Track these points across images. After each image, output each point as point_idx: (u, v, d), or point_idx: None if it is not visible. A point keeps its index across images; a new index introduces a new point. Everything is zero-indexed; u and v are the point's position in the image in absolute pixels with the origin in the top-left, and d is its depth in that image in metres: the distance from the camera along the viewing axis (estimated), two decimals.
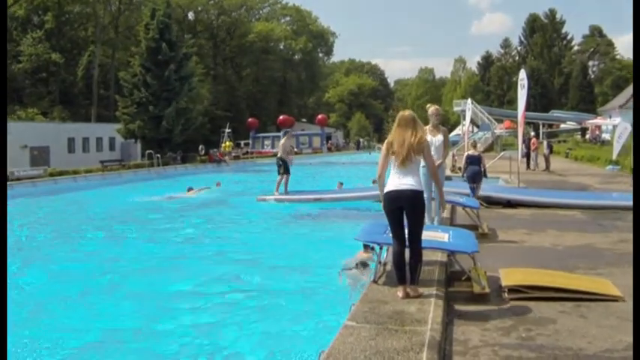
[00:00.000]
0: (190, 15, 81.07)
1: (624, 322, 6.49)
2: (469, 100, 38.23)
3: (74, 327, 8.81)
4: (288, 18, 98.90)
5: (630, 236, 12.11)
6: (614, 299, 7.36)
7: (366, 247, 10.37)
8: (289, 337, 8.19)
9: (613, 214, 15.35)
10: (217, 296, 10.29)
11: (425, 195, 7.79)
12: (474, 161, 16.59)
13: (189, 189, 27.01)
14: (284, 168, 21.67)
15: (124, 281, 11.53)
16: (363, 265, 10.43)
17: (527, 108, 23.77)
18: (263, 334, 8.40)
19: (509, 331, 6.25)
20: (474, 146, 17.99)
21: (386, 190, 7.03)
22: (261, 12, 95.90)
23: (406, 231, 6.97)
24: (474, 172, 16.43)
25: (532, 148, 33.35)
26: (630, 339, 5.97)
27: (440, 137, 11.12)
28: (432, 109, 11.37)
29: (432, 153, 10.49)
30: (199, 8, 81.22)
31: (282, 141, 23.11)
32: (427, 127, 10.76)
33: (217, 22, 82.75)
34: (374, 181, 22.12)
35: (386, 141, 7.22)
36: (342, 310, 7.54)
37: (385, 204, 7.05)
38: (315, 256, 13.12)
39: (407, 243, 6.97)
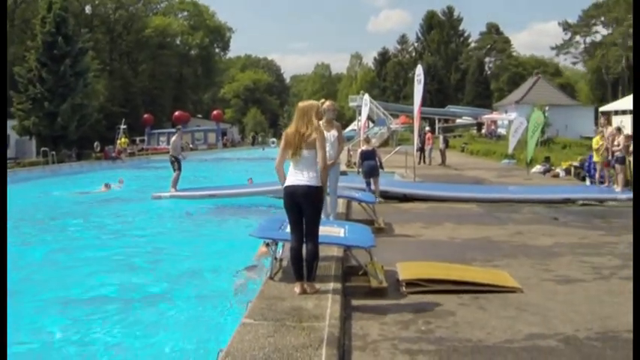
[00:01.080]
0: (87, 9, 78.74)
1: (523, 313, 6.66)
2: (366, 95, 38.74)
3: None
4: (185, 13, 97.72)
5: (525, 228, 12.60)
6: (511, 290, 7.54)
7: (267, 244, 10.28)
8: (183, 339, 7.95)
9: (509, 206, 15.86)
10: (104, 300, 9.85)
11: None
12: (369, 156, 16.74)
13: (108, 185, 26.43)
14: (177, 165, 21.55)
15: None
16: (251, 268, 10.36)
17: (424, 103, 24.21)
18: (154, 337, 8.13)
19: (408, 324, 6.28)
20: (367, 142, 18.17)
21: (285, 185, 7.03)
22: (158, 6, 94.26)
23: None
24: (371, 166, 16.57)
25: (427, 142, 34.03)
26: (529, 330, 6.13)
27: (334, 132, 11.12)
28: (326, 104, 11.34)
29: (328, 149, 10.55)
30: (97, 2, 78.86)
31: (173, 138, 22.93)
32: (321, 122, 10.75)
33: (114, 16, 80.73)
34: (249, 180, 22.24)
35: (284, 132, 7.18)
36: (239, 309, 7.42)
37: (284, 198, 7.06)
38: (211, 254, 12.85)
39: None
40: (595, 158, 20.41)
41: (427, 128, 39.12)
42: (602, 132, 19.98)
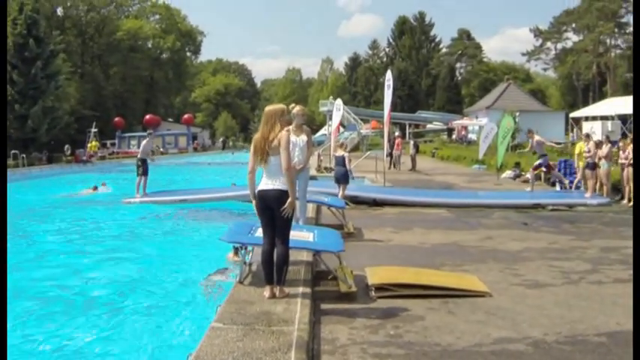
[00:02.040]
0: (59, 11, 78.05)
1: (492, 317, 6.71)
2: (338, 100, 38.75)
3: None
4: (157, 16, 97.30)
5: (495, 233, 12.70)
6: (481, 295, 7.60)
7: (236, 250, 10.23)
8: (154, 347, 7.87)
9: (478, 212, 15.99)
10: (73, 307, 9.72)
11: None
12: (340, 162, 16.76)
13: (95, 187, 26.22)
14: (143, 169, 21.44)
15: None
16: (222, 272, 10.31)
17: (394, 108, 24.40)
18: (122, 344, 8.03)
19: (377, 329, 6.30)
20: (341, 147, 18.09)
21: (258, 189, 7.05)
22: (130, 9, 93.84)
23: None
24: (339, 173, 16.59)
25: (395, 147, 34.17)
26: (498, 334, 6.17)
27: (303, 137, 11.12)
28: (296, 108, 11.34)
29: (297, 153, 10.54)
30: (68, 4, 78.28)
31: (144, 142, 22.81)
32: (290, 127, 10.76)
33: (86, 18, 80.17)
34: (233, 184, 22.15)
35: (253, 137, 7.19)
36: (208, 314, 7.39)
37: (255, 203, 7.08)
38: (182, 259, 12.76)
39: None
40: (578, 163, 20.71)
41: (396, 133, 39.29)
42: (588, 140, 20.11)
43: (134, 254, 13.73)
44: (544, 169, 20.91)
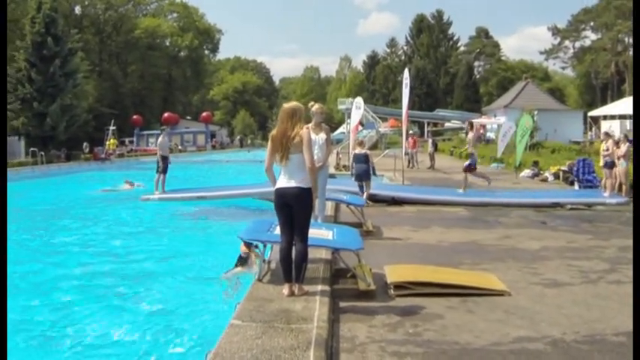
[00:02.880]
0: (77, 9, 78.49)
1: (510, 316, 6.69)
2: (359, 99, 38.63)
3: None
4: (175, 14, 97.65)
5: (513, 232, 12.64)
6: (500, 294, 7.57)
7: (247, 244, 10.24)
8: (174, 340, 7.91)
9: (497, 210, 15.92)
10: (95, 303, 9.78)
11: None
12: (361, 159, 16.71)
13: (132, 183, 26.68)
14: (163, 166, 21.54)
15: None
16: (243, 260, 10.32)
17: (412, 107, 24.36)
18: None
19: (395, 327, 6.30)
20: (360, 144, 17.99)
21: (275, 186, 7.05)
22: (148, 8, 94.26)
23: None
24: (361, 170, 16.57)
25: (411, 146, 33.90)
26: (517, 333, 6.16)
27: (322, 135, 11.13)
28: (315, 107, 11.36)
29: (316, 151, 10.53)
30: (86, 2, 78.73)
31: (160, 139, 22.88)
32: (310, 125, 10.79)
33: (104, 17, 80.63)
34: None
35: (271, 134, 7.17)
36: (227, 310, 7.41)
37: (274, 200, 7.07)
38: (201, 256, 12.80)
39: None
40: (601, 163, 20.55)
41: (410, 132, 39.17)
42: (607, 138, 19.92)
43: (151, 249, 13.83)
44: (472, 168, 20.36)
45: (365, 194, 16.17)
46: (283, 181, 6.98)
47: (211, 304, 9.14)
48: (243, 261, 10.35)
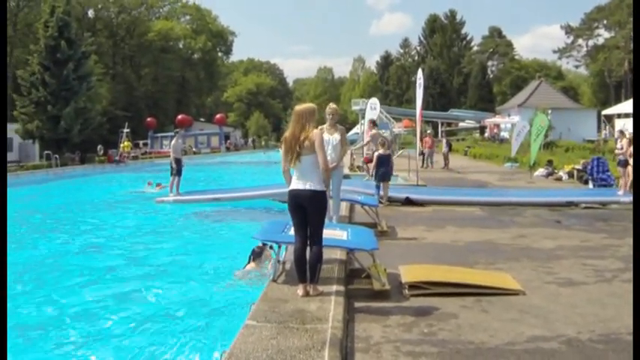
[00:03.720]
0: (90, 13, 79.13)
1: (525, 315, 6.67)
2: (374, 99, 38.55)
3: None
4: (188, 17, 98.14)
5: (528, 231, 12.59)
6: (514, 293, 7.54)
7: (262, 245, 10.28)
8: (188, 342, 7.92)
9: (511, 210, 15.86)
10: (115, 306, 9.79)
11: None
12: (384, 161, 16.43)
13: (151, 183, 26.95)
14: (177, 169, 21.61)
15: None
16: (257, 254, 10.36)
17: (426, 107, 24.33)
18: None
19: (410, 327, 6.29)
20: (383, 145, 17.09)
21: (289, 188, 7.06)
22: (161, 10, 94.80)
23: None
24: (384, 171, 16.37)
25: (425, 146, 33.83)
26: (531, 332, 6.14)
27: (337, 136, 11.15)
28: (328, 108, 11.38)
29: (330, 152, 10.52)
30: (99, 6, 79.43)
31: (173, 142, 22.94)
32: (324, 126, 10.81)
33: (117, 20, 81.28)
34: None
35: (283, 136, 7.19)
36: (241, 312, 7.42)
37: (288, 202, 7.08)
38: (216, 258, 12.83)
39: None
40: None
41: (427, 131, 39.04)
42: (621, 136, 19.81)
43: (167, 249, 13.89)
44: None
45: (384, 196, 16.14)
46: (296, 183, 6.99)
47: (224, 303, 9.16)
48: (257, 255, 10.40)
